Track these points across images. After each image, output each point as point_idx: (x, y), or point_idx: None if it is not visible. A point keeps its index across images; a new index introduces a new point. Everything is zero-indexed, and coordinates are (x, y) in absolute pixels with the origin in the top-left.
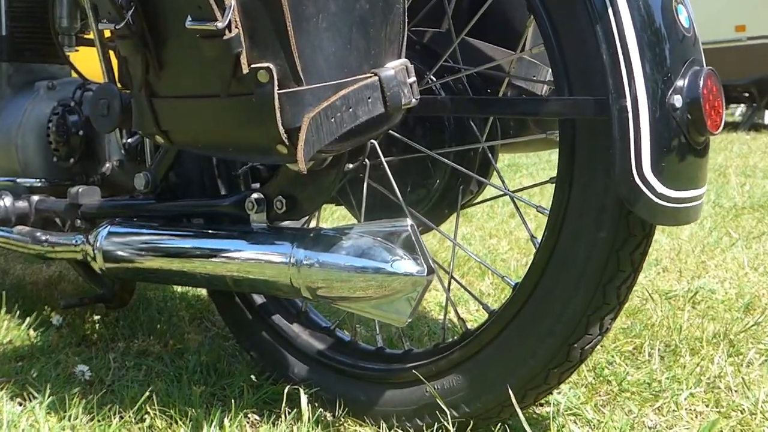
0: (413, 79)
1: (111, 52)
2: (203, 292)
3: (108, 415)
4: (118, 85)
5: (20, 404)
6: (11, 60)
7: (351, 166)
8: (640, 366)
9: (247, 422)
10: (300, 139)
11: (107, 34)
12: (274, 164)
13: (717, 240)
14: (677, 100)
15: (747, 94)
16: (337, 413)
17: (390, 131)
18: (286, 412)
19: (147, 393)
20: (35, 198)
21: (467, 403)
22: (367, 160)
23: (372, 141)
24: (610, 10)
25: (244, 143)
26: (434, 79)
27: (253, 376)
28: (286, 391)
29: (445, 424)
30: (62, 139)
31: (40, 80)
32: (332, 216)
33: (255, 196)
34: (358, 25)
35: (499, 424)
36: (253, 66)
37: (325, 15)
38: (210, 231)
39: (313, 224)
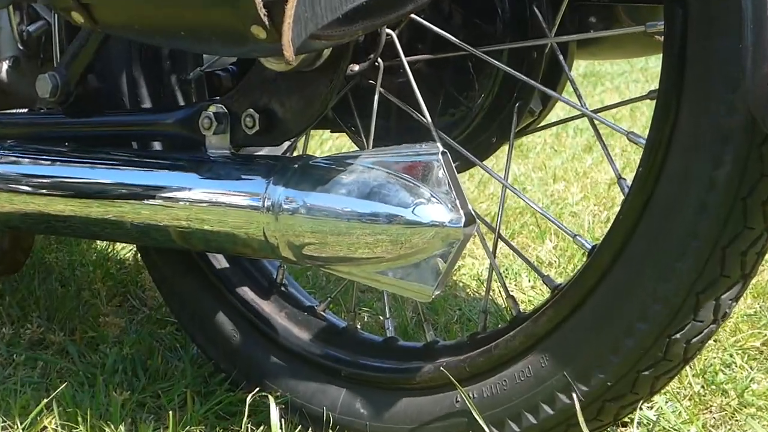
0: None
1: None
2: (129, 253)
3: None
4: None
5: None
6: None
7: (357, 67)
8: None
9: None
10: (286, 15)
11: None
12: (243, 63)
13: None
14: None
15: None
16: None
17: (415, 16)
18: (250, 430)
19: (44, 401)
20: None
21: (516, 420)
22: (380, 59)
23: (389, 31)
24: None
25: (204, 24)
26: None
27: (201, 379)
28: (249, 399)
29: None
30: None
31: None
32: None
33: (214, 109)
34: None
35: None
36: None
37: None
38: (146, 160)
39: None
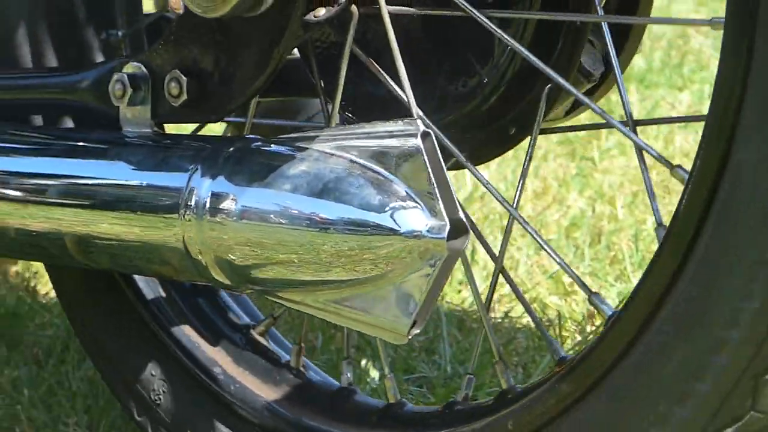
0: None
1: None
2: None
3: None
4: None
5: None
6: None
7: (324, 11)
8: None
9: None
10: None
11: None
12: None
13: None
14: None
15: None
16: None
17: None
18: None
19: None
20: None
21: None
22: (354, 5)
23: None
24: None
25: None
26: None
27: None
28: None
29: None
30: None
31: None
32: None
33: (130, 70)
34: None
35: None
36: None
37: None
38: (32, 140)
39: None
